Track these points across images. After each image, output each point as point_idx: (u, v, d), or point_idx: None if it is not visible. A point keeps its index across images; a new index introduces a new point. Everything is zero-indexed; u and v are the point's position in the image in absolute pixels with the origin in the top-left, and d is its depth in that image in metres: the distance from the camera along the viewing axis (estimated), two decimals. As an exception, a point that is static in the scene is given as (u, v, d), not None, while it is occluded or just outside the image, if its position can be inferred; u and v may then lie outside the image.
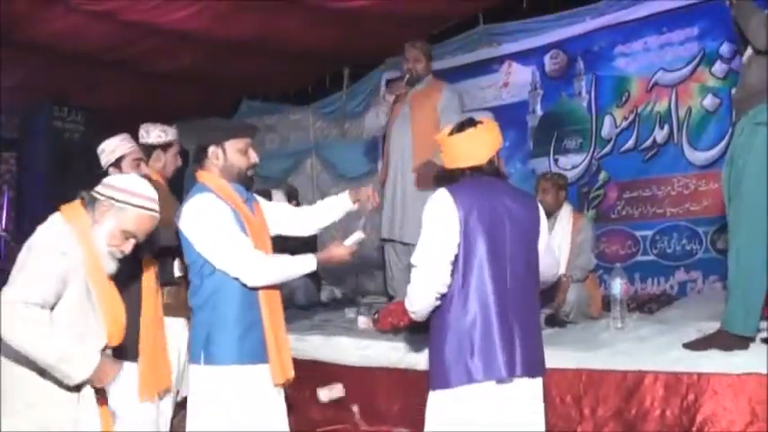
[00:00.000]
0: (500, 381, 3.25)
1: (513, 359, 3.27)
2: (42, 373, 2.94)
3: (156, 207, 3.23)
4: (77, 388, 3.02)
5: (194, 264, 3.67)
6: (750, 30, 4.12)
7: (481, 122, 3.48)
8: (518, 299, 3.36)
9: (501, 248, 3.34)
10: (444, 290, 3.29)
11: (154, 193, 3.23)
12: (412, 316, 3.47)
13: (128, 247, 3.19)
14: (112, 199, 3.13)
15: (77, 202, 3.20)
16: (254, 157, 3.79)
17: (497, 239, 3.33)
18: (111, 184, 3.18)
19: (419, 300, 3.35)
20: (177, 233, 3.73)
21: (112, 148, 4.45)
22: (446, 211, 3.30)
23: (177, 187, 5.28)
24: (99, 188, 3.17)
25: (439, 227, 3.31)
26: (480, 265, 3.29)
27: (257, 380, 3.65)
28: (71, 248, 3.03)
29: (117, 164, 4.44)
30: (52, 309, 2.94)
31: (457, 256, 3.29)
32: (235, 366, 3.60)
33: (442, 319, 3.33)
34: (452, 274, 3.29)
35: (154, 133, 4.73)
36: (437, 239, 3.30)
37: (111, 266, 3.19)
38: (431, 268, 3.29)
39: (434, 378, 3.36)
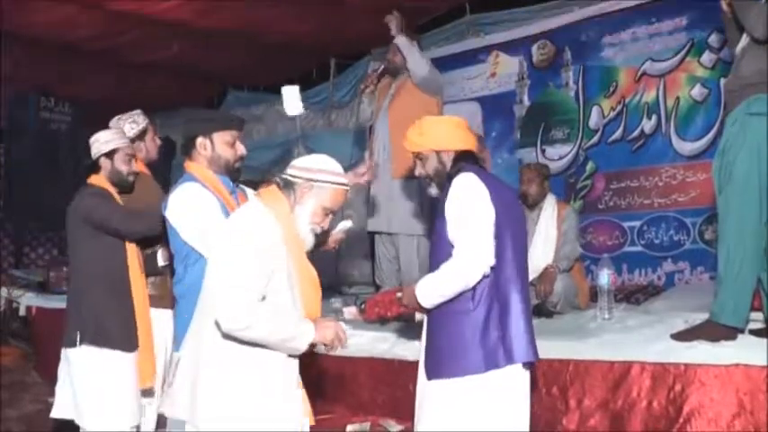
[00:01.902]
0: (525, 365, 3.31)
1: (533, 344, 3.33)
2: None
3: (346, 180, 3.29)
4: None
5: (179, 252, 3.65)
6: (750, 20, 4.06)
7: None
8: (524, 287, 3.40)
9: (515, 236, 3.37)
10: (488, 270, 3.25)
11: (341, 168, 3.28)
12: (439, 299, 3.34)
13: (327, 222, 3.27)
14: (312, 180, 3.19)
15: (274, 187, 3.25)
16: (241, 149, 3.76)
17: (514, 227, 3.38)
18: (306, 167, 3.23)
19: (463, 279, 3.26)
20: (163, 222, 3.71)
21: (107, 138, 4.41)
22: (481, 192, 3.31)
23: (164, 177, 5.26)
24: (293, 171, 3.22)
25: (479, 206, 3.30)
26: (508, 250, 3.31)
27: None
28: (270, 236, 3.09)
29: (110, 155, 4.40)
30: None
31: None
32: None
33: (469, 304, 3.29)
34: None
35: (127, 127, 4.68)
36: (481, 218, 3.28)
37: (311, 241, 3.26)
38: (481, 246, 3.25)
39: (451, 365, 3.32)
